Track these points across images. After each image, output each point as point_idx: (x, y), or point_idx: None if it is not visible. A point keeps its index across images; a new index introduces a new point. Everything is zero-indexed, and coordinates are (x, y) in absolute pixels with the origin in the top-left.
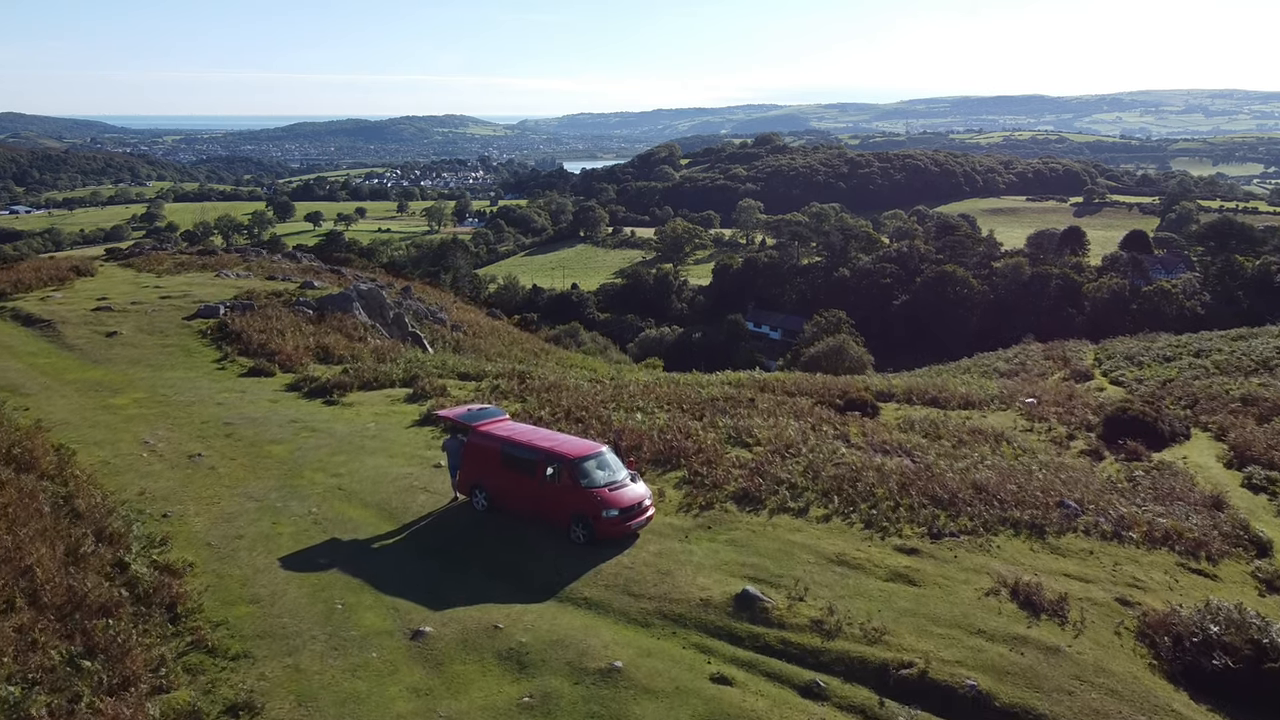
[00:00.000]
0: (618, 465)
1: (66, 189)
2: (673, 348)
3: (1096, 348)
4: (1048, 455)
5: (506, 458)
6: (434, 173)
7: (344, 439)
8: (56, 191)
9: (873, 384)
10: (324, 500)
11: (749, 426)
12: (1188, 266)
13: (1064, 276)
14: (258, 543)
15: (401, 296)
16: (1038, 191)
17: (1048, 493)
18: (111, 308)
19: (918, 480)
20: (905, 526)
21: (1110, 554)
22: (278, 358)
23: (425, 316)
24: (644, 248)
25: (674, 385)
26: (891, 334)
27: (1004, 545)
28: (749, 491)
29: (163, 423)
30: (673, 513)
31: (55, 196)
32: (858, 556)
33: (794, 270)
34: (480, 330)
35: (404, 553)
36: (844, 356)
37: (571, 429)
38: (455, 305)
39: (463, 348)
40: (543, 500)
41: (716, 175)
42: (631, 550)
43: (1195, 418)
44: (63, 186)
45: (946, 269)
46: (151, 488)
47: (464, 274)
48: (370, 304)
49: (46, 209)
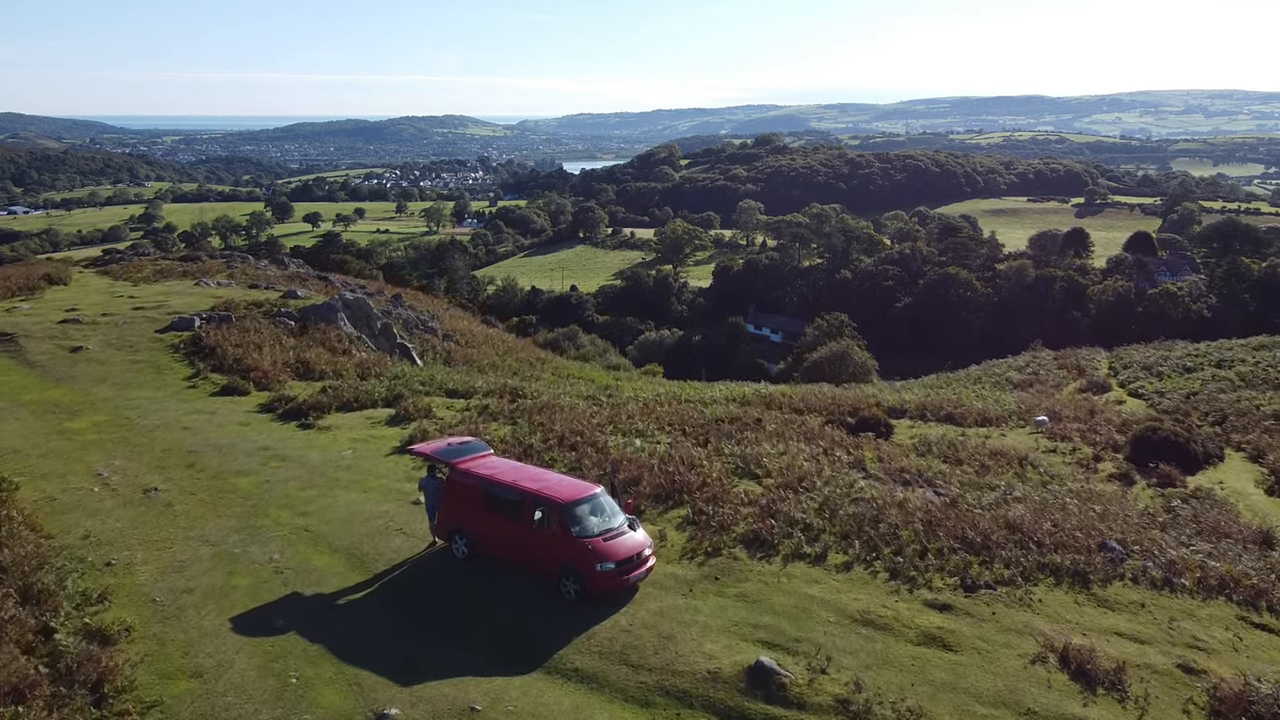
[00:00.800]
0: (614, 509)
1: (65, 189)
2: (673, 350)
3: (1110, 356)
4: (1077, 482)
5: (489, 499)
6: (433, 173)
7: (316, 469)
8: (55, 192)
9: (884, 398)
10: (288, 544)
11: (757, 454)
12: (1192, 269)
13: (1068, 279)
14: (209, 598)
15: (391, 305)
16: (1039, 192)
17: (1088, 532)
18: (80, 320)
19: (945, 519)
20: (935, 576)
21: (1163, 606)
22: (253, 374)
23: (415, 326)
24: (644, 249)
25: (675, 403)
26: (894, 337)
27: (1045, 598)
28: (760, 534)
29: (121, 450)
30: (675, 560)
31: (53, 197)
32: (884, 615)
33: (795, 272)
34: (473, 339)
35: (373, 610)
36: (848, 362)
37: (565, 456)
38: (448, 312)
39: (454, 359)
40: (529, 548)
41: (716, 176)
42: (629, 608)
43: (1226, 436)
44: (61, 187)
45: (949, 271)
46: (98, 529)
47: (462, 276)
48: (356, 314)
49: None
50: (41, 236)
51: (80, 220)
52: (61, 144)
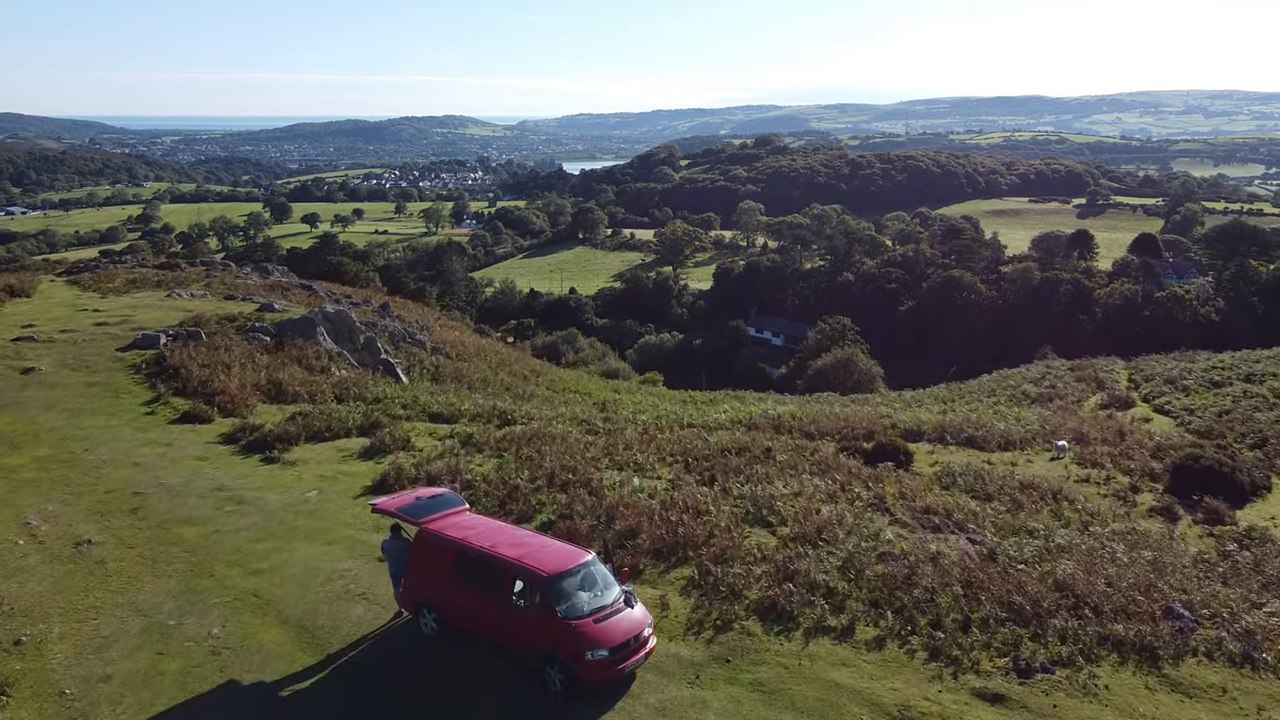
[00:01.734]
0: (607, 581)
1: (63, 190)
2: (673, 354)
3: (1129, 366)
4: (1118, 520)
5: (462, 567)
6: (432, 173)
7: (275, 515)
8: (53, 193)
9: (899, 418)
10: (231, 614)
11: (769, 496)
12: (1199, 271)
13: (1074, 282)
14: (129, 688)
15: (378, 315)
16: (1040, 193)
17: (1148, 593)
18: (35, 337)
19: (987, 580)
20: (982, 655)
21: (1247, 691)
22: (219, 399)
23: (403, 339)
24: (643, 250)
25: (678, 428)
26: (897, 340)
27: (1111, 682)
28: (776, 602)
29: (59, 491)
30: (679, 635)
31: (51, 198)
32: (928, 710)
33: (796, 274)
34: (464, 351)
35: (322, 704)
36: (852, 370)
37: (555, 499)
38: (439, 322)
39: (442, 375)
40: (509, 628)
41: (716, 176)
42: (625, 703)
43: (1270, 462)
44: (60, 187)
45: (954, 274)
46: (14, 595)
47: (459, 278)
48: (338, 328)
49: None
50: (38, 237)
51: (78, 221)
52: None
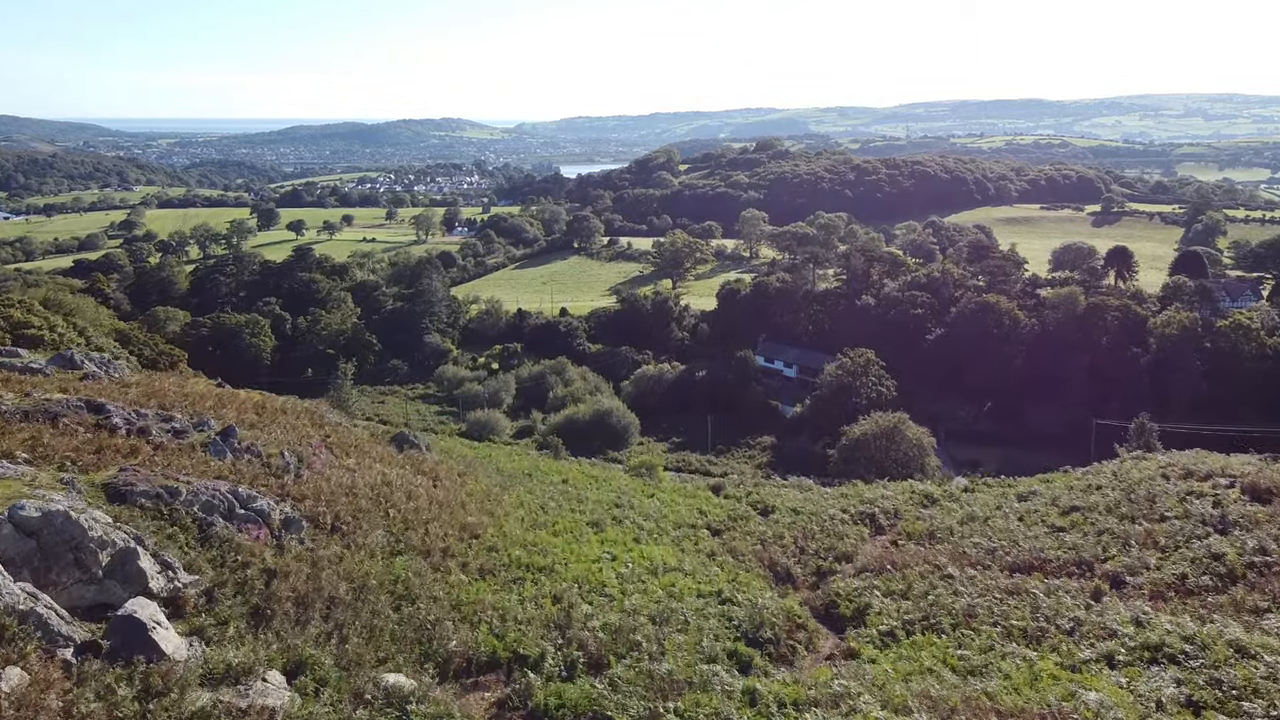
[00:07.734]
0: None
1: (51, 194)
2: (673, 388)
3: None
4: None
5: None
6: (428, 177)
7: None
8: (40, 197)
9: None
10: None
11: None
12: (1254, 293)
13: (1123, 308)
14: None
15: (210, 449)
16: (1050, 199)
17: None
18: None
19: None
20: None
21: None
22: None
23: (230, 509)
24: (641, 261)
25: None
26: (925, 374)
27: None
28: None
29: None
30: None
31: (37, 202)
32: None
33: (809, 296)
34: (356, 502)
35: None
36: (898, 441)
37: None
38: (339, 430)
39: (278, 592)
40: None
41: (717, 182)
42: None
43: None
44: (48, 191)
45: (988, 299)
46: None
47: (439, 298)
48: (51, 552)
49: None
50: (14, 245)
51: (59, 227)
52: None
